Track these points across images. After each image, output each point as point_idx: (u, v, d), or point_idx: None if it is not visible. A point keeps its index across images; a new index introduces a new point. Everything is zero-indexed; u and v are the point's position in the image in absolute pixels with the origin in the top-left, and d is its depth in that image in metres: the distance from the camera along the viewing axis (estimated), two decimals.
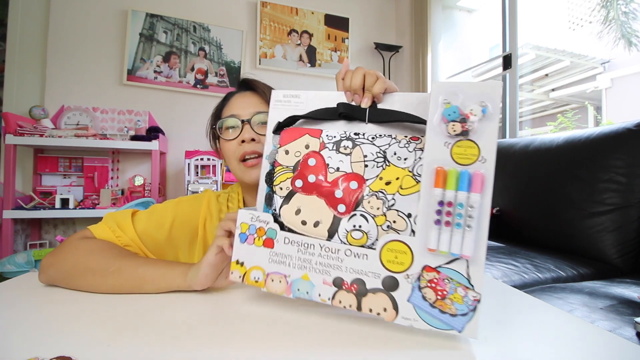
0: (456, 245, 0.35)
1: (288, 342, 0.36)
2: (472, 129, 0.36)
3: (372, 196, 0.41)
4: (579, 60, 3.70)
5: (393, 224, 0.39)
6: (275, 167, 0.46)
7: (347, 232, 0.41)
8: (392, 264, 0.38)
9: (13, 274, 1.67)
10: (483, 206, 0.35)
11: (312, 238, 0.42)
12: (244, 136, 0.64)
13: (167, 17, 2.32)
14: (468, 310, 0.35)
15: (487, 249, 0.35)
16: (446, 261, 0.36)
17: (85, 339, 0.36)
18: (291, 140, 0.46)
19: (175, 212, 0.66)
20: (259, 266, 0.44)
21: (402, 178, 0.40)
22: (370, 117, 0.45)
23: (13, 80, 2.02)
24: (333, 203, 0.42)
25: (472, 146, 0.36)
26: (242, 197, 0.73)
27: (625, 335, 0.63)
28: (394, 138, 0.42)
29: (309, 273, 0.42)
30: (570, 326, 0.41)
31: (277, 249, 0.43)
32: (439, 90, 0.38)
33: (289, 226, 0.44)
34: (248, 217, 0.45)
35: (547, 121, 4.06)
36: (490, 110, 0.35)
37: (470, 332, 0.35)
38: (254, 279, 0.44)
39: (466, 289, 0.35)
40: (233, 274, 0.45)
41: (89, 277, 0.51)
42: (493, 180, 0.35)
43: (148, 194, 2.12)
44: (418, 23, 2.50)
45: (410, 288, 0.37)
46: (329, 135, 0.45)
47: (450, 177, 0.36)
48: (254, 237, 0.45)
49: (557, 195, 1.29)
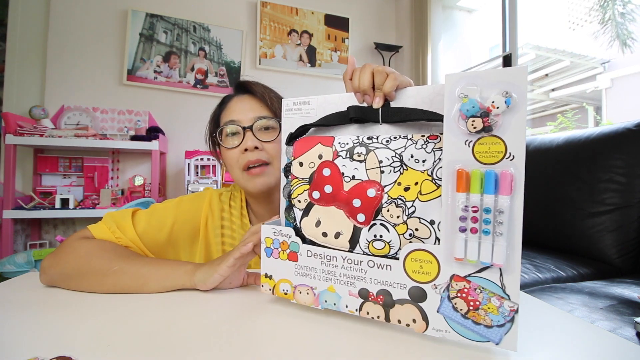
0: (486, 254, 0.32)
1: (305, 348, 0.36)
2: (495, 123, 0.32)
3: (391, 204, 0.38)
4: (579, 60, 3.70)
5: (416, 232, 0.37)
6: (292, 180, 0.46)
7: (368, 243, 0.39)
8: (418, 274, 0.36)
9: (13, 274, 1.67)
10: (514, 209, 0.31)
11: (334, 250, 0.41)
12: (247, 144, 0.62)
13: (167, 17, 2.32)
14: (505, 321, 0.32)
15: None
16: (476, 270, 0.33)
17: (85, 339, 0.36)
18: (304, 151, 0.45)
19: (177, 212, 0.66)
20: (287, 279, 0.45)
21: (421, 183, 0.37)
22: (384, 118, 0.42)
23: (13, 80, 2.02)
24: (352, 213, 0.40)
25: (497, 142, 0.32)
26: (244, 197, 0.72)
27: (625, 335, 0.63)
28: (410, 139, 0.39)
29: (334, 285, 0.41)
30: (570, 326, 0.41)
31: (301, 262, 0.43)
32: (453, 83, 0.34)
33: (311, 238, 0.43)
34: (271, 232, 0.46)
35: (547, 121, 4.06)
36: (515, 100, 0.31)
37: (509, 344, 0.32)
38: (283, 291, 0.45)
39: (501, 299, 0.32)
40: (263, 287, 0.46)
41: (91, 277, 0.51)
42: (524, 179, 0.31)
43: (148, 194, 2.12)
44: (418, 23, 2.50)
45: (439, 298, 0.35)
46: (341, 143, 0.43)
47: (474, 179, 0.32)
48: (278, 251, 0.45)
49: (557, 195, 1.29)
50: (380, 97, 0.42)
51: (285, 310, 0.45)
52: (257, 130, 0.63)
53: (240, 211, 0.70)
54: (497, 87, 0.32)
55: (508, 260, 0.31)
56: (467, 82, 0.33)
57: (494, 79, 0.32)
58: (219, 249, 0.67)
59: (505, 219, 0.31)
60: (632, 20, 2.64)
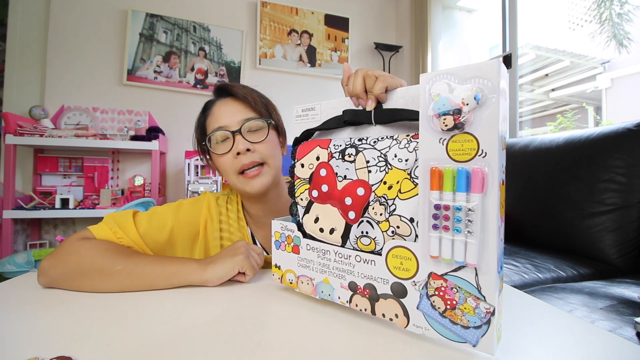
0: (459, 252, 0.32)
1: (296, 342, 0.36)
2: (466, 120, 0.31)
3: (376, 202, 0.40)
4: (579, 60, 3.70)
5: (397, 230, 0.38)
6: (295, 180, 0.49)
7: (356, 239, 0.41)
8: (399, 270, 0.37)
9: (13, 274, 1.67)
10: (487, 208, 0.30)
11: (328, 244, 0.44)
12: (238, 148, 0.62)
13: (167, 17, 2.32)
14: (481, 322, 0.31)
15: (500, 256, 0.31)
16: (452, 268, 0.33)
17: (85, 339, 0.36)
18: (305, 154, 0.48)
19: (176, 216, 0.66)
20: (291, 270, 0.49)
21: (402, 181, 0.38)
22: (376, 119, 0.43)
23: (13, 80, 2.02)
24: (344, 210, 0.42)
25: (469, 139, 0.31)
26: (240, 200, 0.73)
27: (625, 335, 0.63)
28: (395, 139, 0.40)
29: (328, 277, 0.44)
30: (570, 326, 0.41)
31: (302, 255, 0.47)
32: (426, 82, 0.34)
33: (310, 233, 0.47)
34: (279, 226, 0.51)
35: (547, 121, 4.05)
36: (486, 95, 0.30)
37: (485, 347, 0.31)
38: (289, 280, 0.49)
39: (477, 300, 0.31)
40: (274, 276, 0.51)
41: (95, 277, 0.51)
42: (500, 176, 0.30)
43: (148, 194, 2.12)
44: (418, 23, 2.50)
45: (419, 295, 0.35)
46: (335, 145, 0.45)
47: (446, 177, 0.32)
48: (285, 244, 0.50)
49: (557, 195, 1.29)
50: (371, 99, 0.43)
51: (290, 297, 0.49)
52: (245, 132, 0.63)
53: (237, 214, 0.71)
54: (470, 84, 0.31)
55: (482, 260, 0.31)
56: (438, 80, 0.33)
57: (467, 75, 0.31)
58: (217, 252, 0.67)
59: (476, 217, 0.30)
60: (629, 20, 2.63)
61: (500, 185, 0.31)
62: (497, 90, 0.30)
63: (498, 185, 0.30)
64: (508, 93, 0.31)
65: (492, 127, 0.30)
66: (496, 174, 0.30)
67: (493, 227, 0.30)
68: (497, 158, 0.30)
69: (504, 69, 0.31)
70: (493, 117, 0.30)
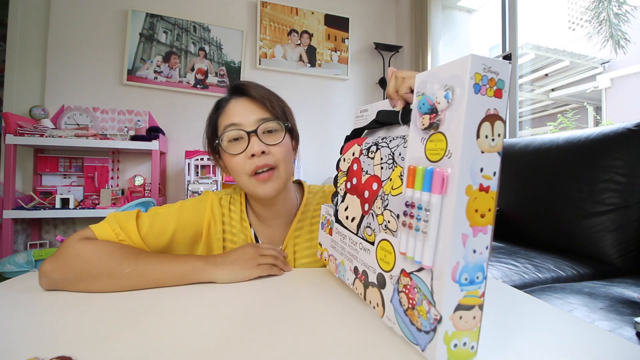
0: (418, 252, 0.31)
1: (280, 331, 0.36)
2: (441, 119, 0.30)
3: (380, 197, 0.42)
4: (579, 60, 3.70)
5: (388, 224, 0.39)
6: (338, 172, 0.56)
7: (364, 228, 0.45)
8: (383, 262, 0.39)
9: (13, 274, 1.67)
10: (444, 210, 0.29)
11: (347, 231, 0.49)
12: (254, 149, 0.60)
13: (167, 17, 2.32)
14: (429, 328, 0.30)
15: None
16: (416, 268, 0.32)
17: (85, 339, 0.36)
18: (347, 150, 0.54)
19: (179, 219, 0.65)
20: (326, 248, 0.57)
21: (395, 178, 0.40)
22: (402, 119, 0.45)
23: (13, 80, 2.02)
24: (363, 202, 0.46)
25: (441, 139, 0.30)
26: (244, 200, 0.72)
27: (625, 335, 0.63)
28: (403, 138, 0.42)
29: (344, 259, 0.50)
30: (570, 326, 0.41)
31: (333, 237, 0.54)
32: (417, 81, 0.35)
33: (341, 219, 0.52)
34: (325, 210, 0.59)
35: (547, 121, 4.05)
36: (456, 94, 0.29)
37: (430, 353, 0.30)
38: (325, 257, 0.57)
39: (430, 304, 0.30)
40: (317, 252, 0.60)
41: (102, 279, 0.51)
42: (473, 180, 0.28)
43: (148, 194, 2.12)
44: (418, 23, 2.50)
45: (393, 289, 0.36)
46: (366, 142, 0.49)
47: (417, 176, 0.32)
48: (326, 226, 0.57)
49: (557, 195, 1.29)
50: (398, 100, 0.45)
51: (298, 295, 0.49)
52: (261, 133, 0.61)
53: (240, 215, 0.70)
54: (444, 83, 0.30)
55: (435, 263, 0.30)
56: (423, 79, 0.34)
57: (446, 73, 0.30)
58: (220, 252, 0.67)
59: (432, 218, 0.29)
60: (626, 21, 2.63)
61: (477, 190, 0.28)
62: (464, 87, 0.28)
63: (464, 188, 0.28)
64: (508, 91, 0.30)
65: (457, 127, 0.28)
66: (459, 176, 0.28)
67: (448, 230, 0.28)
68: (460, 159, 0.28)
69: (499, 64, 0.29)
70: (459, 116, 0.28)
